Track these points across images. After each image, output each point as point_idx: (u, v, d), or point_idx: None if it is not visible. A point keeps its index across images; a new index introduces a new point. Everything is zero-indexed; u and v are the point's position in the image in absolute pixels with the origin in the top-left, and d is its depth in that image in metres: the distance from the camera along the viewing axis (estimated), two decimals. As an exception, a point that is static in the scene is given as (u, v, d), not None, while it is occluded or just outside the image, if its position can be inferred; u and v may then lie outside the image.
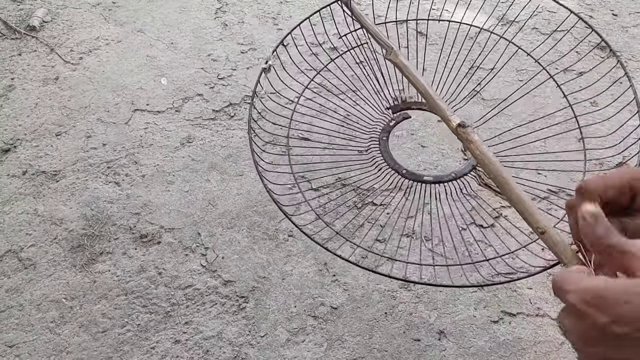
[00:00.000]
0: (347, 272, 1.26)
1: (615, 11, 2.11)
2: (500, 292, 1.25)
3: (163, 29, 1.84)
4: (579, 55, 1.87)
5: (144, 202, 1.37)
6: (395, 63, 1.00)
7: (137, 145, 1.49)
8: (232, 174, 1.42)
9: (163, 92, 1.63)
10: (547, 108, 1.19)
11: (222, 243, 1.29)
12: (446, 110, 0.86)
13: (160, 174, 1.42)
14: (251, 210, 1.35)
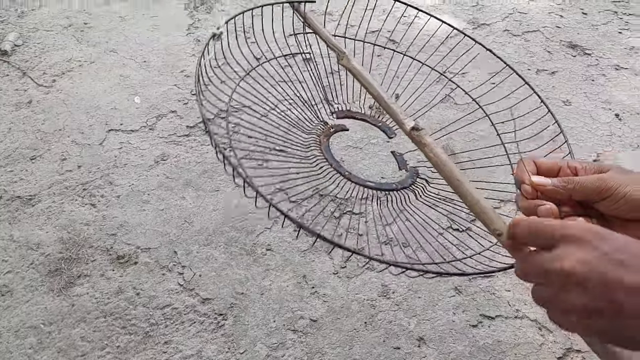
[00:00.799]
0: (326, 284, 1.25)
1: (585, 10, 2.14)
2: (479, 295, 1.25)
3: (136, 48, 1.84)
4: (551, 56, 1.90)
5: (120, 223, 1.36)
6: (347, 68, 1.00)
7: (112, 166, 1.48)
8: (208, 190, 1.42)
9: (137, 111, 1.63)
10: (520, 109, 1.19)
11: (199, 260, 1.28)
12: (400, 113, 0.86)
13: (136, 193, 1.42)
14: (228, 225, 1.35)
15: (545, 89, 1.76)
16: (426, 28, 1.23)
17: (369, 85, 0.91)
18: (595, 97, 1.77)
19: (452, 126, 1.55)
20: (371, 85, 0.91)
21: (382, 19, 1.31)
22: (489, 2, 2.13)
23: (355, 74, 0.95)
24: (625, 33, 2.06)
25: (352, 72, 0.97)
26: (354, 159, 1.54)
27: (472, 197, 0.67)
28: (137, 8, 2.01)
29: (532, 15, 2.08)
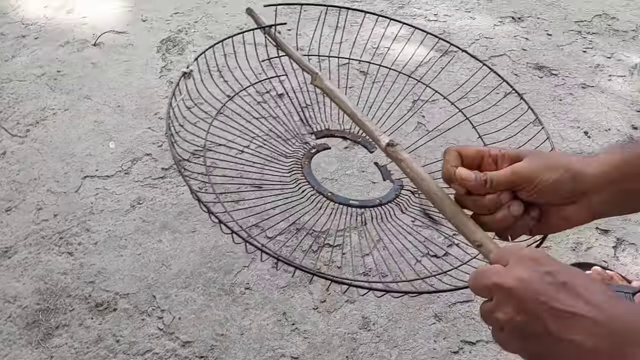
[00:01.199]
0: (306, 319, 1.25)
1: (550, 31, 2.19)
2: (459, 321, 1.25)
3: (109, 93, 1.86)
4: (518, 78, 1.94)
5: (98, 270, 1.36)
6: (321, 88, 1.01)
7: (89, 213, 1.48)
8: (184, 232, 1.42)
9: (112, 156, 1.64)
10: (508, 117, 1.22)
11: (178, 304, 1.28)
12: (375, 130, 0.87)
13: (113, 239, 1.42)
14: (205, 266, 1.35)
15: (514, 111, 1.79)
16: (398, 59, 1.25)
17: (343, 104, 0.93)
18: (563, 116, 1.81)
19: (425, 151, 1.57)
20: (345, 104, 0.93)
21: (362, 42, 1.33)
22: (455, 30, 2.18)
23: (329, 94, 0.97)
24: (589, 52, 2.11)
25: (326, 92, 0.98)
26: (341, 182, 1.56)
27: (451, 210, 0.67)
28: (109, 54, 2.03)
29: (498, 39, 2.13)
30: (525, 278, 0.47)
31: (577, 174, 0.55)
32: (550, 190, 0.56)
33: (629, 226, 1.47)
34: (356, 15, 2.18)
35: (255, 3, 2.40)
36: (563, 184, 0.56)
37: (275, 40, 1.04)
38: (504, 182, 0.57)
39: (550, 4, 2.37)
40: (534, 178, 0.56)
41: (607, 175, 0.55)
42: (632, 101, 1.89)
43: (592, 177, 0.55)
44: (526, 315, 0.46)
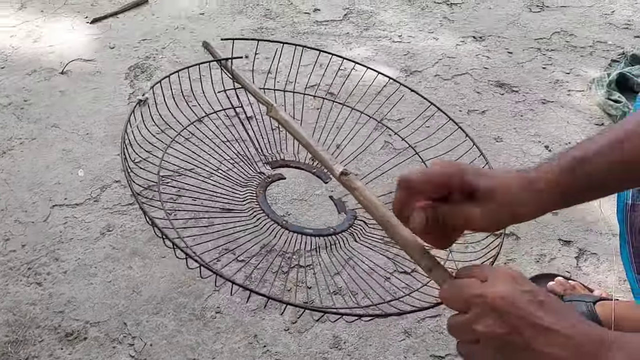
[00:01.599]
0: (277, 341, 1.26)
1: (510, 49, 2.26)
2: (428, 336, 1.28)
3: (78, 121, 1.86)
4: (480, 96, 1.99)
5: (68, 299, 1.35)
6: (276, 119, 1.04)
7: (57, 242, 1.48)
8: (154, 258, 1.43)
9: (80, 184, 1.63)
10: (457, 150, 1.25)
11: (149, 330, 1.28)
12: (329, 160, 0.89)
13: (82, 267, 1.41)
14: (176, 292, 1.35)
15: (476, 128, 1.84)
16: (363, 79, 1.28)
17: (298, 135, 0.96)
18: (524, 131, 1.86)
19: (392, 171, 1.60)
20: (300, 135, 0.95)
21: (320, 73, 1.37)
22: (419, 50, 2.23)
23: (284, 125, 0.99)
24: (549, 68, 2.18)
25: (281, 123, 1.01)
26: (299, 211, 1.57)
27: (402, 237, 0.69)
28: (77, 81, 2.03)
29: (461, 59, 2.19)
30: (508, 294, 0.50)
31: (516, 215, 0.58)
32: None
33: (591, 237, 1.52)
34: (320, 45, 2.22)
35: (224, 29, 2.43)
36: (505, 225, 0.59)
37: (231, 73, 1.07)
38: (453, 224, 0.59)
39: (510, 23, 2.45)
40: (481, 229, 0.58)
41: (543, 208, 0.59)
42: (590, 115, 1.95)
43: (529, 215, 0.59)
44: (508, 328, 0.50)
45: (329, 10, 2.50)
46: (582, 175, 0.57)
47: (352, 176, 0.82)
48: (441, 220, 0.58)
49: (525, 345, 0.48)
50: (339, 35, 2.33)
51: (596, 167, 0.58)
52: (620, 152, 0.58)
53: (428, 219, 0.58)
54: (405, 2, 2.58)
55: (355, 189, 0.79)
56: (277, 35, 2.32)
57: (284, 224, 0.97)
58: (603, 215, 1.55)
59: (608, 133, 0.61)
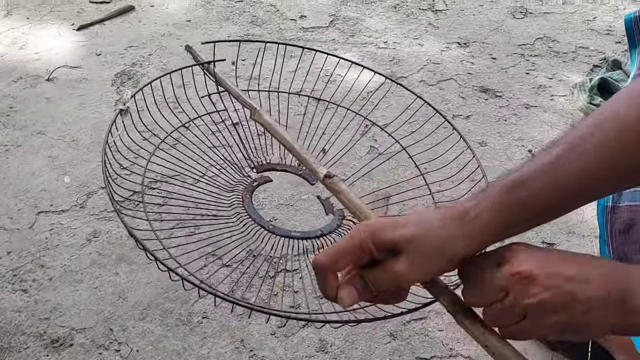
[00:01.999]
0: (264, 345, 1.27)
1: (494, 55, 2.29)
2: (413, 338, 1.29)
3: (64, 128, 1.86)
4: (465, 101, 2.01)
5: (53, 306, 1.35)
6: (260, 122, 1.04)
7: (43, 248, 1.48)
8: (141, 264, 1.43)
9: (67, 191, 1.63)
10: (447, 155, 1.27)
11: (135, 335, 1.28)
12: (313, 163, 0.90)
13: (68, 274, 1.41)
14: (162, 297, 1.35)
15: (461, 133, 1.86)
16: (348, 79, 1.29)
17: (282, 138, 0.96)
18: (508, 136, 1.89)
19: (377, 173, 1.62)
20: (284, 138, 0.96)
21: (306, 73, 1.38)
22: (404, 56, 2.25)
23: (268, 128, 1.00)
24: (532, 73, 2.21)
25: (265, 127, 1.01)
26: (287, 216, 1.58)
27: None
28: (63, 88, 2.03)
29: (445, 64, 2.22)
30: (535, 262, 0.51)
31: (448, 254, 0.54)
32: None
33: (574, 239, 1.54)
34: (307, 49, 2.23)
35: (210, 36, 2.43)
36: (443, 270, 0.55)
37: (214, 76, 1.07)
38: (386, 285, 0.54)
39: (494, 29, 2.48)
40: (418, 280, 0.54)
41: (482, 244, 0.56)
42: (573, 119, 1.98)
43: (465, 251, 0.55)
44: (551, 289, 0.51)
45: (315, 17, 2.51)
46: (517, 201, 0.54)
47: (336, 179, 0.82)
48: (372, 286, 0.54)
49: (571, 298, 0.50)
50: (325, 41, 2.35)
51: (531, 192, 0.54)
52: (553, 175, 0.55)
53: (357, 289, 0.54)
54: (391, 9, 2.60)
55: (340, 191, 0.79)
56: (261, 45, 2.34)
57: (270, 229, 0.97)
58: (585, 218, 1.58)
59: (546, 151, 0.57)
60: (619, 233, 1.10)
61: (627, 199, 1.06)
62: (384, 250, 0.53)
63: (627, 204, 1.08)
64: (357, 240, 0.53)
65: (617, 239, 1.11)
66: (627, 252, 1.08)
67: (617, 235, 1.11)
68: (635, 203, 1.08)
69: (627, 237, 1.09)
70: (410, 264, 0.52)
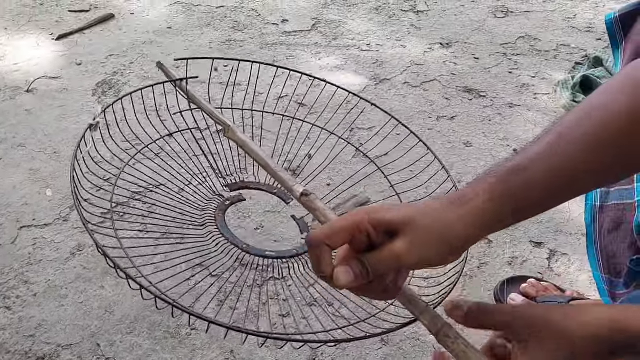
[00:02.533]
0: (254, 355, 1.25)
1: (477, 55, 2.30)
2: (405, 343, 1.28)
3: (44, 140, 1.83)
4: (449, 102, 2.01)
5: (38, 322, 1.32)
6: (234, 140, 1.03)
7: (26, 264, 1.45)
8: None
9: (49, 204, 1.61)
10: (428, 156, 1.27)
11: (123, 350, 1.26)
12: (288, 180, 0.89)
13: (53, 289, 1.39)
14: (149, 310, 1.33)
15: (446, 134, 1.86)
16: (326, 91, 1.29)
17: (256, 156, 0.95)
18: (493, 135, 1.89)
19: (361, 176, 1.61)
20: (258, 155, 0.95)
21: (285, 88, 1.37)
22: (388, 58, 2.25)
23: (242, 146, 0.99)
24: (515, 72, 2.22)
25: (239, 144, 1.00)
26: (273, 223, 1.57)
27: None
28: (43, 99, 2.00)
29: (429, 66, 2.22)
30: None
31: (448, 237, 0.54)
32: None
33: (561, 237, 1.54)
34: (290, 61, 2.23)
35: (192, 42, 2.41)
36: (446, 260, 0.55)
37: (186, 93, 1.06)
38: (384, 268, 0.54)
39: (476, 29, 2.48)
40: (417, 263, 0.54)
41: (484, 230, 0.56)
42: (557, 117, 1.98)
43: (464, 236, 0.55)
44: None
45: (297, 21, 2.50)
46: (512, 189, 0.54)
47: (313, 197, 0.80)
48: (371, 269, 0.53)
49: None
50: (307, 45, 2.34)
51: (525, 180, 0.54)
52: (547, 163, 0.55)
53: (354, 270, 0.53)
54: (373, 11, 2.60)
55: (316, 209, 0.77)
56: (245, 47, 2.32)
57: (244, 248, 0.96)
58: (571, 216, 1.58)
59: (545, 136, 0.58)
60: (607, 232, 1.10)
61: (615, 198, 1.06)
62: (381, 232, 0.53)
63: (614, 203, 1.08)
64: (353, 218, 0.53)
65: (606, 239, 1.11)
66: (616, 252, 1.09)
67: (606, 234, 1.11)
68: (622, 201, 1.08)
69: (616, 235, 1.09)
70: (409, 245, 0.52)
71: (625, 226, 1.06)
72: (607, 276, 1.09)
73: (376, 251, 0.53)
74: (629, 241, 1.05)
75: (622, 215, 1.07)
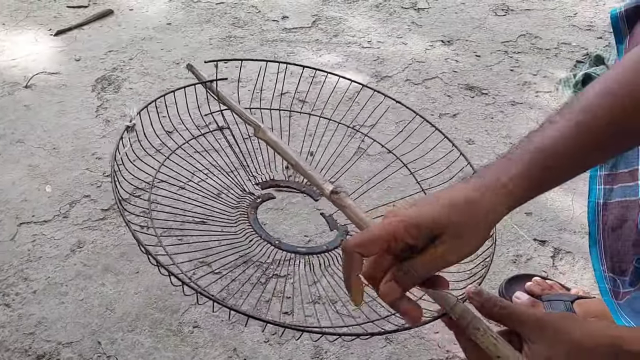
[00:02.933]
0: (257, 353, 1.24)
1: (478, 52, 2.29)
2: (409, 342, 1.27)
3: (43, 136, 1.81)
4: (451, 99, 2.00)
5: (38, 320, 1.31)
6: (264, 140, 1.04)
7: (26, 261, 1.43)
8: (128, 274, 1.39)
9: (49, 200, 1.59)
10: (433, 154, 1.27)
11: (124, 348, 1.24)
12: (319, 179, 0.89)
13: (53, 286, 1.37)
14: (151, 307, 1.32)
15: (449, 131, 1.85)
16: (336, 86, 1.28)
17: (287, 155, 0.95)
18: (495, 133, 1.88)
19: (368, 177, 1.60)
20: (288, 155, 0.95)
21: (292, 81, 1.37)
22: (389, 55, 2.24)
23: (272, 146, 0.99)
24: (516, 70, 2.21)
25: (269, 144, 1.01)
26: (276, 220, 1.56)
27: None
28: (42, 95, 1.98)
29: (430, 63, 2.21)
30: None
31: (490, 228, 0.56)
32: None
33: (565, 235, 1.54)
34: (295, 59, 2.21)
35: (192, 39, 2.40)
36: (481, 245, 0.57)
37: (217, 94, 1.06)
38: (430, 272, 0.55)
39: (477, 27, 2.47)
40: (460, 258, 0.55)
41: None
42: (559, 115, 1.98)
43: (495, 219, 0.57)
44: None
45: (297, 18, 2.49)
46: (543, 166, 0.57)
47: (343, 194, 0.82)
48: (417, 275, 0.54)
49: None
50: (308, 42, 2.33)
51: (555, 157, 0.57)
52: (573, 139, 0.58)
53: (399, 283, 0.54)
54: (373, 8, 2.59)
55: (346, 206, 0.80)
56: (245, 43, 2.31)
57: (276, 244, 0.98)
58: (575, 214, 1.58)
59: (560, 117, 0.61)
60: (611, 230, 1.10)
61: (618, 195, 1.05)
62: (420, 238, 0.54)
63: (618, 200, 1.07)
64: (387, 228, 0.53)
65: (610, 237, 1.10)
66: (620, 250, 1.08)
67: (610, 232, 1.10)
68: (626, 199, 1.07)
69: (620, 233, 1.08)
70: (451, 245, 0.53)
71: (629, 224, 1.06)
72: (611, 275, 1.08)
73: (419, 257, 0.54)
74: (634, 239, 1.04)
75: (625, 213, 1.06)
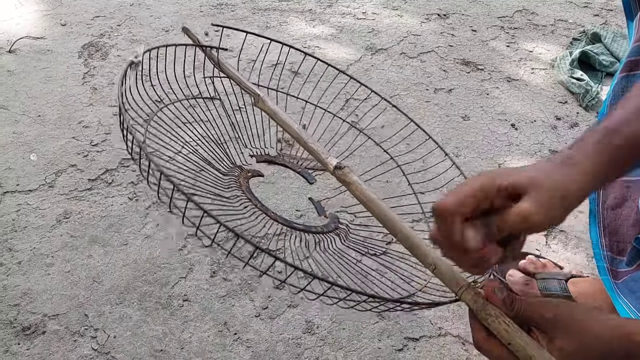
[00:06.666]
0: (248, 328, 1.22)
1: (474, 27, 2.25)
2: (401, 318, 1.26)
3: (28, 102, 1.76)
4: (446, 74, 1.97)
5: (23, 291, 1.28)
6: (264, 110, 1.00)
7: (10, 231, 1.39)
8: (116, 245, 1.36)
9: (33, 169, 1.54)
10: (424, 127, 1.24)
11: (112, 321, 1.22)
12: (322, 153, 0.85)
13: (38, 257, 1.34)
14: (140, 280, 1.29)
15: (444, 107, 1.82)
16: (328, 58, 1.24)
17: (287, 126, 0.91)
18: (491, 109, 1.86)
19: (359, 151, 1.57)
20: (289, 126, 0.91)
21: (284, 51, 1.32)
22: (384, 28, 2.20)
23: (272, 116, 0.95)
24: (512, 46, 2.18)
25: (269, 114, 0.96)
26: (267, 194, 1.53)
27: (402, 233, 0.66)
28: (26, 60, 1.92)
29: (426, 36, 2.17)
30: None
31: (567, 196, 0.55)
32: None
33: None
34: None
35: (182, 5, 2.33)
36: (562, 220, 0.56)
37: (217, 62, 1.01)
38: (511, 229, 0.54)
39: (473, 1, 2.43)
40: (542, 223, 0.54)
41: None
42: (554, 93, 1.96)
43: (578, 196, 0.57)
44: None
45: (290, -13, 2.43)
46: (613, 147, 0.57)
47: (347, 170, 0.78)
48: (497, 231, 0.54)
49: None
50: (301, 11, 2.27)
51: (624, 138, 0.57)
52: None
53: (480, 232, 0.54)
54: (368, -21, 2.53)
55: (351, 183, 0.75)
56: (237, 11, 2.25)
57: (273, 216, 0.94)
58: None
59: (628, 100, 0.61)
60: (611, 209, 1.09)
61: (621, 174, 1.04)
62: (504, 196, 0.53)
63: (619, 179, 1.06)
64: (479, 183, 0.53)
65: (609, 215, 1.09)
66: (619, 229, 1.07)
67: (609, 210, 1.09)
68: (628, 178, 1.06)
69: (619, 212, 1.07)
70: (537, 205, 0.52)
71: (629, 203, 1.05)
72: (609, 254, 1.07)
73: (503, 213, 0.53)
74: (633, 219, 1.03)
75: (626, 193, 1.05)
